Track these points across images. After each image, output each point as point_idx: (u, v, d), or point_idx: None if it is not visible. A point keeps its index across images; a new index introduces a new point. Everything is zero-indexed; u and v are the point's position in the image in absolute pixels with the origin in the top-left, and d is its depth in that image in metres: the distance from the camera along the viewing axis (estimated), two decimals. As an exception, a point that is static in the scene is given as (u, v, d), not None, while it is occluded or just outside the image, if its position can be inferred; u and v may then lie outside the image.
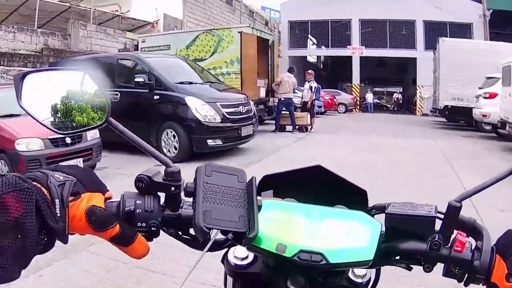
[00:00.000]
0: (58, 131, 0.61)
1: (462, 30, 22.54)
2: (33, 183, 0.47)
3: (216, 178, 0.57)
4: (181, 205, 0.60)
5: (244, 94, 7.77)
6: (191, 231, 0.58)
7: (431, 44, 21.93)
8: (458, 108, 13.21)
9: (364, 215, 0.60)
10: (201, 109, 6.38)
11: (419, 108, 24.62)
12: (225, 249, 0.64)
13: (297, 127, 10.78)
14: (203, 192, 0.55)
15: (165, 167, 0.58)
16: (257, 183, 0.59)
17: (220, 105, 6.59)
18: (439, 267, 0.57)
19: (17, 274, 0.44)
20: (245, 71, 10.14)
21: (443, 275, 0.57)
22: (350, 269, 0.61)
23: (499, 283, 0.53)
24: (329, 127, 12.96)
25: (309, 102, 11.09)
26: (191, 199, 0.57)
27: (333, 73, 35.04)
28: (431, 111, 19.25)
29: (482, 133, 11.73)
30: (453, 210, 0.56)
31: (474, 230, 0.57)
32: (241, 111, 6.96)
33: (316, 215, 0.59)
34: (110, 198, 0.57)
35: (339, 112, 22.85)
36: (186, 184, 0.57)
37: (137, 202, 0.56)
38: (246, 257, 0.64)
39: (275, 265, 0.60)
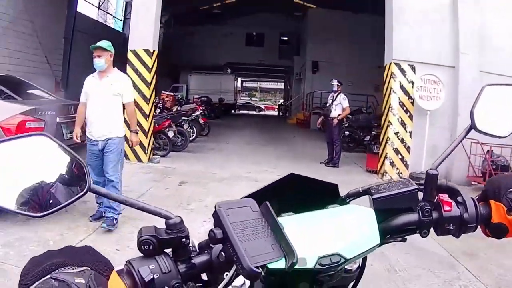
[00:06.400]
0: (34, 215, 0.49)
1: None
2: None
3: (234, 216, 0.55)
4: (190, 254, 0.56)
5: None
6: (203, 276, 0.57)
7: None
8: None
9: (355, 206, 0.64)
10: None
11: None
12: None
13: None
14: (235, 233, 0.52)
15: (165, 220, 0.55)
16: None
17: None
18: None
19: None
20: None
21: (438, 235, 0.63)
22: None
23: (503, 221, 0.61)
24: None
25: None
26: (194, 244, 0.57)
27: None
28: None
29: None
30: (432, 178, 0.62)
31: (449, 189, 0.64)
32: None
33: (316, 221, 0.61)
34: None
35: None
36: (213, 231, 0.53)
37: (151, 267, 0.51)
38: (243, 284, 0.64)
39: (280, 281, 0.59)
